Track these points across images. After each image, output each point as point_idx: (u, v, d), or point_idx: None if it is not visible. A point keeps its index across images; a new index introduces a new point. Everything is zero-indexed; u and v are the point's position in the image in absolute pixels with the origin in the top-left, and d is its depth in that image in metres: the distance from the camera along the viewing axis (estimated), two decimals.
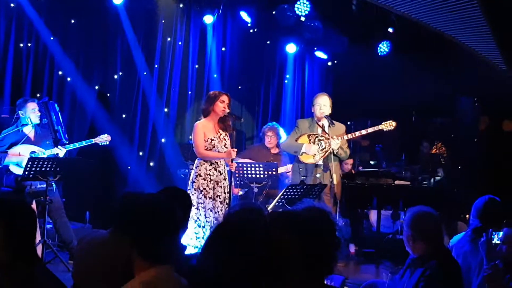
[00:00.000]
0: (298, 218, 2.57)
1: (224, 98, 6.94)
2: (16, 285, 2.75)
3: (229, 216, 2.61)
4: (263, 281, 2.24)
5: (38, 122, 7.39)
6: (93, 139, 7.71)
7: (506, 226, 4.27)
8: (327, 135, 7.63)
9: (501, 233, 4.28)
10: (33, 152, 7.21)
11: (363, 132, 7.94)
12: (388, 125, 7.92)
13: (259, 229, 2.46)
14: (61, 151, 7.28)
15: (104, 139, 7.76)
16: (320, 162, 7.62)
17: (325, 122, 7.70)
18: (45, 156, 7.13)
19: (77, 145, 7.55)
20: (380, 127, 7.93)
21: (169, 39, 10.43)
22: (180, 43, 10.50)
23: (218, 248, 2.27)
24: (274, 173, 7.58)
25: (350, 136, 7.83)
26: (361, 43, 10.77)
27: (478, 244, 4.42)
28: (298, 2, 9.96)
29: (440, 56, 10.22)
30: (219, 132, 6.99)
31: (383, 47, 10.69)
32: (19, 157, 7.14)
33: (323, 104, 7.70)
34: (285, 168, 8.44)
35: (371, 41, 10.76)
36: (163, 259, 2.61)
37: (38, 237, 6.89)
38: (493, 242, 4.29)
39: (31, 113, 7.31)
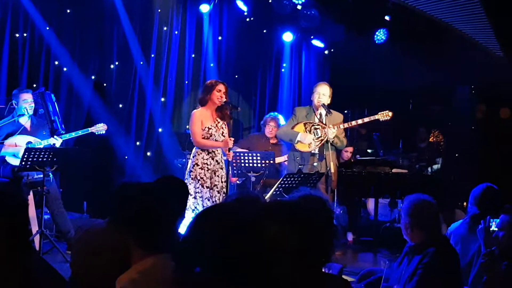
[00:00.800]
0: (295, 207, 2.56)
1: (221, 87, 6.93)
2: (11, 276, 2.74)
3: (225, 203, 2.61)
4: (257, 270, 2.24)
5: (31, 113, 7.35)
6: (89, 129, 7.69)
7: (503, 213, 4.27)
8: (323, 124, 7.62)
9: (498, 220, 4.29)
10: (29, 142, 7.19)
11: (359, 121, 7.95)
12: (384, 115, 7.93)
13: (255, 217, 2.46)
14: (57, 141, 7.26)
15: (100, 128, 7.74)
16: (316, 151, 7.62)
17: (322, 111, 7.69)
18: (41, 146, 7.11)
19: (73, 134, 7.54)
20: (376, 117, 7.93)
21: (165, 28, 10.40)
22: (176, 32, 10.47)
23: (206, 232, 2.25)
24: (271, 162, 7.57)
25: (346, 125, 7.83)
26: (357, 32, 10.74)
27: (476, 231, 4.43)
28: None
29: (437, 44, 10.21)
30: (217, 120, 6.98)
31: (380, 35, 10.66)
32: (15, 147, 7.12)
33: (322, 93, 7.69)
34: (284, 158, 8.44)
35: (367, 30, 10.73)
36: (160, 248, 2.60)
37: (35, 228, 6.90)
38: (491, 229, 4.30)
39: (24, 103, 7.27)
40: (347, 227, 9.10)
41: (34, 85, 9.07)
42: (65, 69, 9.69)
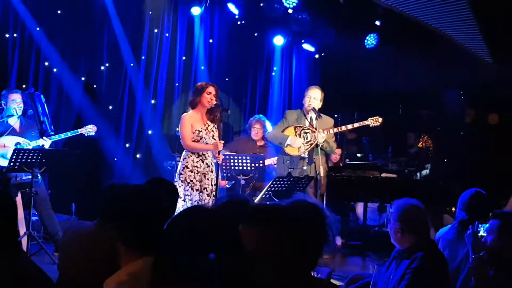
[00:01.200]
0: (289, 213, 2.56)
1: (211, 89, 6.93)
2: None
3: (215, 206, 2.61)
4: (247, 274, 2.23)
5: (20, 113, 7.33)
6: (78, 130, 7.67)
7: (493, 218, 4.28)
8: (313, 127, 7.63)
9: (487, 225, 4.30)
10: (18, 143, 7.16)
11: (349, 126, 7.98)
12: (374, 121, 7.96)
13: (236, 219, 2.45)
14: (46, 142, 7.24)
15: (89, 129, 7.72)
16: (306, 155, 7.64)
17: (312, 115, 7.70)
18: (30, 147, 7.09)
19: (62, 136, 7.52)
20: (366, 122, 7.97)
21: (156, 30, 10.38)
22: (167, 34, 10.46)
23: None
24: (261, 165, 7.58)
25: (336, 130, 7.86)
26: (348, 36, 10.77)
27: (464, 237, 4.45)
28: None
29: (427, 49, 10.25)
30: (207, 123, 6.98)
31: (370, 40, 10.69)
32: (3, 148, 7.09)
33: (313, 97, 7.72)
34: (272, 160, 8.45)
35: (358, 34, 10.76)
36: (150, 251, 2.59)
37: (23, 229, 6.86)
38: (479, 234, 4.32)
39: (12, 104, 7.25)
40: (335, 231, 9.10)
41: (24, 86, 9.03)
42: (55, 70, 9.65)
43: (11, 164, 6.65)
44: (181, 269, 2.08)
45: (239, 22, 10.86)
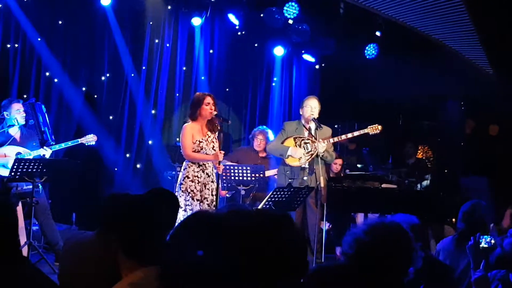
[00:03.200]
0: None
1: (209, 100, 6.94)
2: None
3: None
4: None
5: (23, 123, 7.35)
6: (79, 139, 7.69)
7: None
8: (313, 138, 7.63)
9: (488, 237, 4.29)
10: (19, 153, 7.17)
11: (349, 135, 7.98)
12: (374, 129, 7.96)
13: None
14: (47, 152, 7.25)
15: (90, 139, 7.73)
16: (306, 165, 7.63)
17: (312, 125, 7.70)
18: (30, 157, 7.09)
19: (63, 145, 7.52)
20: (366, 130, 7.97)
21: (156, 41, 10.41)
22: (168, 45, 10.49)
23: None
24: (261, 176, 7.58)
25: (336, 139, 7.85)
26: (348, 47, 10.79)
27: (465, 248, 4.44)
28: (287, 5, 9.95)
29: (427, 59, 10.26)
30: (207, 134, 6.99)
31: (371, 50, 10.71)
32: (4, 158, 7.10)
33: (313, 107, 7.71)
34: (274, 172, 8.44)
35: (358, 44, 10.78)
36: (151, 261, 2.59)
37: (24, 239, 6.86)
38: (481, 246, 4.31)
39: (16, 113, 7.27)
40: (336, 241, 9.09)
41: (25, 96, 9.04)
42: (56, 80, 9.67)
43: (12, 173, 6.65)
44: (188, 278, 2.08)
45: (239, 33, 10.88)
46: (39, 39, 9.43)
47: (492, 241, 4.20)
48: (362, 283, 2.68)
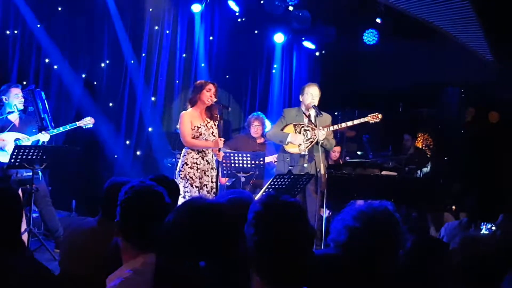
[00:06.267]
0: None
1: (211, 86, 6.95)
2: None
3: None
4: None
5: (22, 108, 7.33)
6: (76, 123, 7.67)
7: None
8: (313, 125, 7.62)
9: (489, 225, 4.31)
10: (17, 139, 7.16)
11: (349, 123, 7.96)
12: (374, 118, 7.95)
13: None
14: (45, 137, 7.23)
15: (87, 122, 7.73)
16: (306, 152, 7.62)
17: (312, 112, 7.68)
18: (29, 142, 7.09)
19: (61, 129, 7.51)
20: (366, 119, 7.95)
21: (156, 27, 10.38)
22: (167, 31, 10.46)
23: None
24: (261, 162, 7.58)
25: (336, 127, 7.83)
26: (349, 34, 10.76)
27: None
28: None
29: (427, 47, 10.24)
30: (206, 120, 6.99)
31: (371, 37, 10.67)
32: (2, 142, 7.08)
33: (314, 94, 7.68)
34: (272, 158, 8.44)
35: (359, 32, 10.75)
36: (152, 247, 2.59)
37: (23, 226, 6.86)
38: (482, 232, 4.33)
39: (14, 98, 7.25)
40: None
41: (24, 83, 9.02)
42: (55, 66, 9.66)
43: (12, 160, 6.65)
44: (182, 265, 2.08)
45: (239, 20, 10.84)
46: (38, 25, 9.40)
47: (493, 228, 4.22)
48: (354, 268, 2.68)
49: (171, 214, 2.28)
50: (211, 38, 10.95)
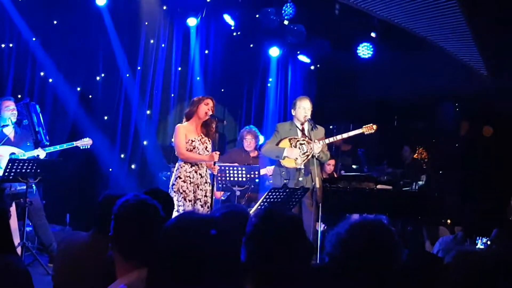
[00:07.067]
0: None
1: (209, 101, 6.98)
2: None
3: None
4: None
5: (15, 120, 7.31)
6: (74, 142, 7.67)
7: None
8: (307, 138, 7.61)
9: (485, 239, 4.31)
10: (13, 153, 7.14)
11: (344, 135, 7.96)
12: (369, 129, 7.94)
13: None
14: (41, 153, 7.22)
15: (85, 142, 7.73)
16: (302, 166, 7.59)
17: (306, 126, 7.68)
18: (25, 157, 7.06)
19: (58, 147, 7.50)
20: (361, 130, 7.95)
21: (152, 41, 10.39)
22: (163, 45, 10.47)
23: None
24: (256, 176, 7.57)
25: (331, 139, 7.82)
26: (344, 47, 10.80)
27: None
28: (286, 5, 9.97)
29: (422, 60, 10.27)
30: (201, 135, 6.99)
31: (366, 51, 10.71)
32: None
33: (307, 108, 7.68)
34: (266, 170, 8.43)
35: (353, 45, 10.79)
36: (146, 262, 2.57)
37: (17, 240, 6.83)
38: (477, 246, 4.33)
39: (6, 111, 7.24)
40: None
41: (19, 96, 9.01)
42: (50, 80, 9.65)
43: (6, 174, 6.62)
44: (174, 280, 2.06)
45: (235, 33, 10.87)
46: (34, 39, 9.41)
47: (488, 242, 4.22)
48: (350, 282, 2.66)
49: (162, 229, 2.26)
50: (206, 51, 10.97)
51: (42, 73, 9.62)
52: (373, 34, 10.61)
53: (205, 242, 2.10)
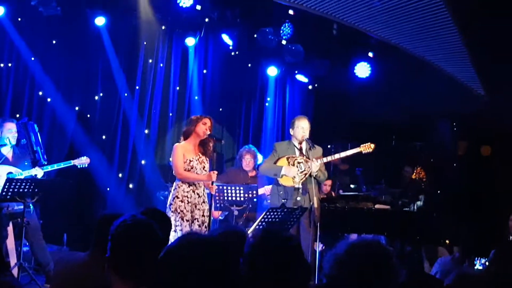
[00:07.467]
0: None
1: (206, 120, 7.00)
2: None
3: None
4: None
5: (14, 143, 7.32)
6: (71, 161, 7.66)
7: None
8: (305, 157, 7.61)
9: (483, 260, 4.30)
10: (10, 172, 7.13)
11: (342, 154, 7.96)
12: (367, 148, 7.95)
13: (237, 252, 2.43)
14: (39, 172, 7.21)
15: (83, 161, 7.72)
16: (299, 185, 7.58)
17: (304, 145, 7.68)
18: (22, 176, 7.05)
19: (55, 166, 7.49)
20: (358, 149, 7.96)
21: (150, 60, 10.43)
22: (161, 64, 10.51)
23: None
24: (254, 195, 7.56)
25: (329, 158, 7.83)
26: (341, 67, 10.83)
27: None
28: (284, 25, 10.02)
29: (419, 80, 10.30)
30: (199, 154, 6.99)
31: (363, 71, 10.75)
32: None
33: (305, 128, 7.69)
34: (264, 190, 8.42)
35: (351, 65, 10.83)
36: (144, 282, 2.56)
37: (14, 260, 6.80)
38: (475, 267, 4.32)
39: (8, 133, 7.24)
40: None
41: (18, 115, 9.03)
42: (49, 99, 9.68)
43: (3, 193, 6.60)
44: None
45: (233, 53, 10.91)
46: (32, 58, 9.44)
47: (487, 263, 4.21)
48: None
49: (164, 250, 2.26)
50: (204, 71, 11.00)
51: (40, 93, 9.64)
52: (370, 54, 10.65)
53: (207, 263, 2.10)
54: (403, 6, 8.53)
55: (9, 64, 9.40)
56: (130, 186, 10.34)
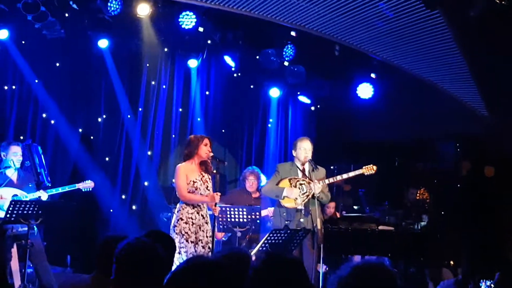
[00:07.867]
0: None
1: (207, 141, 7.00)
2: None
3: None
4: None
5: (19, 166, 7.34)
6: (76, 184, 7.68)
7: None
8: (308, 179, 7.60)
9: (488, 282, 4.28)
10: (15, 195, 7.14)
11: (344, 176, 7.93)
12: (369, 169, 7.93)
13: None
14: (43, 195, 7.22)
15: (87, 185, 7.74)
16: (301, 207, 7.55)
17: (307, 166, 7.68)
18: (27, 199, 7.06)
19: (60, 190, 7.50)
20: (361, 171, 7.93)
21: (153, 82, 10.47)
22: (164, 86, 10.55)
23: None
24: (257, 216, 7.54)
25: (331, 180, 7.80)
26: (344, 88, 10.86)
27: None
28: (286, 46, 10.07)
29: (422, 101, 10.32)
30: (202, 174, 6.99)
31: (366, 92, 10.76)
32: (0, 200, 7.06)
33: (308, 149, 7.68)
34: (267, 211, 8.40)
35: (353, 86, 10.86)
36: None
37: (18, 282, 6.79)
38: None
39: (13, 156, 7.26)
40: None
41: (21, 137, 9.06)
42: (52, 121, 9.72)
43: (8, 215, 6.61)
44: None
45: (235, 74, 10.96)
46: (36, 80, 9.49)
47: (492, 286, 4.19)
48: None
49: (170, 274, 2.26)
50: (207, 92, 11.04)
51: (44, 115, 9.69)
52: (373, 75, 10.68)
53: (214, 286, 2.10)
54: (405, 28, 8.56)
55: (13, 87, 9.46)
56: (133, 207, 10.34)
